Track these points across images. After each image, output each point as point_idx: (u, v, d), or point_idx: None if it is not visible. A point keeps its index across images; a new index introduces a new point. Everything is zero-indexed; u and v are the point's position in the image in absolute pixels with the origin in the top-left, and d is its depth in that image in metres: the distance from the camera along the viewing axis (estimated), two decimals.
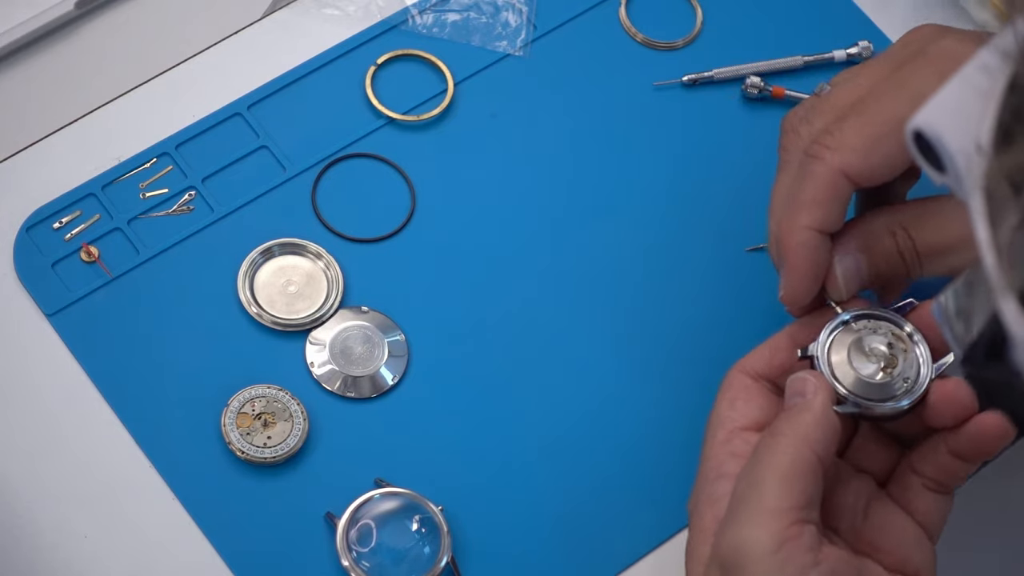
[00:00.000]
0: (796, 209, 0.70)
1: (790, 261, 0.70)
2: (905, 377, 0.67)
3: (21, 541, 0.73)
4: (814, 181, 0.69)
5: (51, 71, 0.82)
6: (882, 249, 0.71)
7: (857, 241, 0.71)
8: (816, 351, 0.68)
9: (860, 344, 0.68)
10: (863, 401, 0.67)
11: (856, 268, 0.71)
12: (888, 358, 0.68)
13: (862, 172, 0.69)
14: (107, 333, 0.76)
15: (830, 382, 0.67)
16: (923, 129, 0.50)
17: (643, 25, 0.86)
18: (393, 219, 0.81)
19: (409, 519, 0.73)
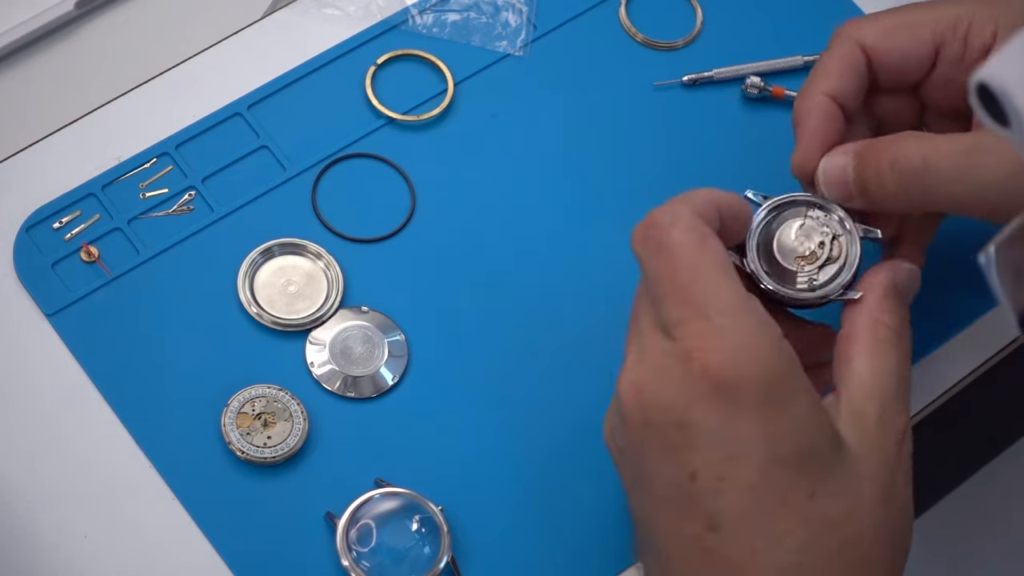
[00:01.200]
0: (813, 77, 0.72)
1: (801, 123, 0.71)
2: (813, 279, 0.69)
3: (21, 541, 0.73)
4: (832, 51, 0.72)
5: (51, 71, 0.82)
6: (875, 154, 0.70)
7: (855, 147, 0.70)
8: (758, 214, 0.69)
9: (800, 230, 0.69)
10: (764, 278, 0.69)
11: (842, 170, 0.70)
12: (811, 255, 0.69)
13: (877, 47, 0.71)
14: (107, 333, 0.76)
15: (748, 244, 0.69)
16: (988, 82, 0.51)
17: (643, 25, 0.86)
18: (393, 219, 0.81)
19: (409, 519, 0.73)
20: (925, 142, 0.69)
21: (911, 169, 0.69)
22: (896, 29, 0.72)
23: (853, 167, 0.70)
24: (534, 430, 0.77)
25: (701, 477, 0.63)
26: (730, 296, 0.63)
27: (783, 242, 0.70)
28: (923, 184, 0.69)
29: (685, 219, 0.65)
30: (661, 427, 0.63)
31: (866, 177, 0.70)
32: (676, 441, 0.63)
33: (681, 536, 0.64)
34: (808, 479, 0.63)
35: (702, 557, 0.63)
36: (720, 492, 0.62)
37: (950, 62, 0.72)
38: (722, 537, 0.63)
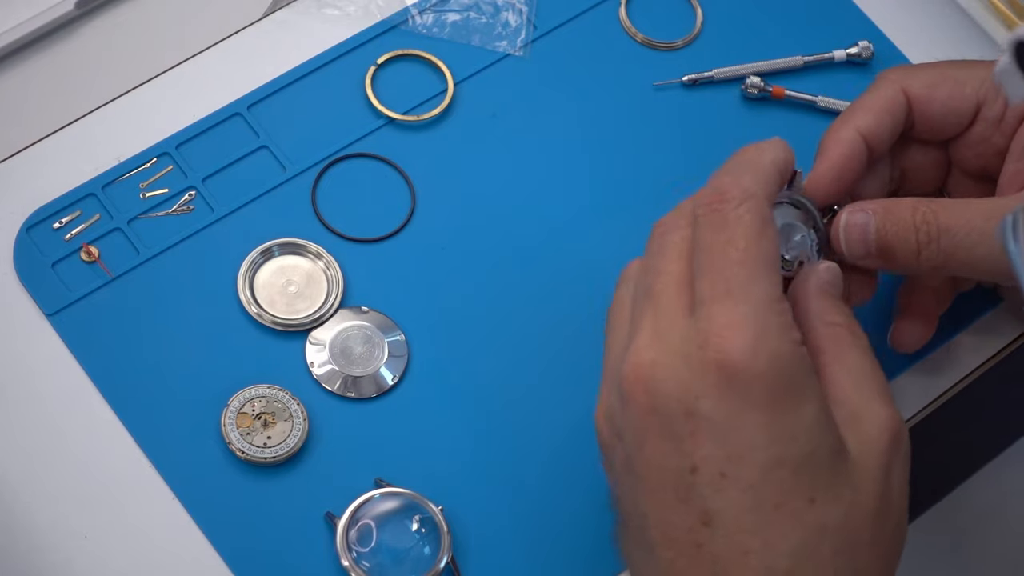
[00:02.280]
0: (850, 112, 0.72)
1: (825, 152, 0.71)
2: None
3: (21, 541, 0.73)
4: (874, 92, 0.72)
5: (51, 71, 0.82)
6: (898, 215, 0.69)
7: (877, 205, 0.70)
8: None
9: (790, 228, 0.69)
10: None
11: (864, 227, 0.70)
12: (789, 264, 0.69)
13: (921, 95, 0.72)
14: (107, 333, 0.76)
15: None
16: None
17: (643, 25, 0.86)
18: (393, 219, 0.81)
19: (409, 519, 0.73)
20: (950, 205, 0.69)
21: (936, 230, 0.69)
22: (942, 82, 0.72)
23: (875, 225, 0.70)
24: (534, 430, 0.77)
25: (702, 471, 0.62)
26: (766, 291, 0.63)
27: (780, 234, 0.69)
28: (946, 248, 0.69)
29: (756, 198, 0.64)
30: (667, 414, 0.63)
31: (888, 236, 0.70)
32: (681, 430, 0.62)
33: (672, 527, 0.63)
34: (809, 484, 0.62)
35: (691, 551, 0.63)
36: (720, 489, 0.62)
37: (989, 122, 0.73)
38: (715, 534, 0.62)
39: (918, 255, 0.70)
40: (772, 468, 0.62)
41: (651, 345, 0.64)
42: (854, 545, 0.63)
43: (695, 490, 0.62)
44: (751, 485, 0.62)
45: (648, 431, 0.63)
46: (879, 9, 0.88)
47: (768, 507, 0.62)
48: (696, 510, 0.62)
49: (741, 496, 0.62)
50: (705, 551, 0.62)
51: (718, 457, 0.62)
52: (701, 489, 0.62)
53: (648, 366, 0.63)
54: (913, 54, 0.87)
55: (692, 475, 0.62)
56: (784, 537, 0.62)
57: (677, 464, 0.63)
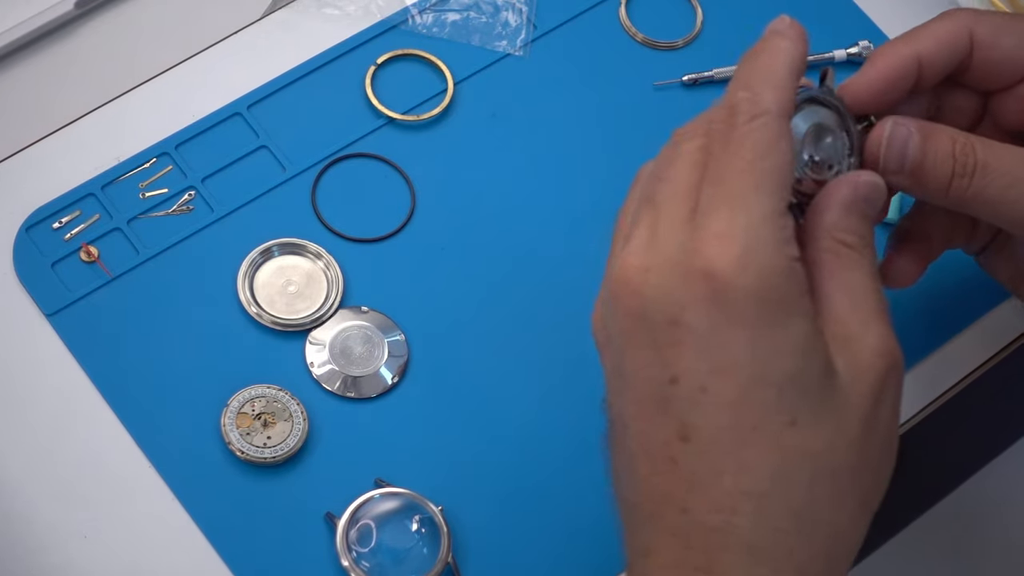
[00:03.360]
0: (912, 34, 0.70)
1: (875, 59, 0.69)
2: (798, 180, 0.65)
3: (21, 541, 0.73)
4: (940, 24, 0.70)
5: (51, 71, 0.82)
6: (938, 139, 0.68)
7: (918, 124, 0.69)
8: None
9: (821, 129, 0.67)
10: None
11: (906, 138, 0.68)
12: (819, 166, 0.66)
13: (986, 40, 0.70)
14: (107, 333, 0.76)
15: None
16: None
17: (643, 25, 0.86)
18: (393, 219, 0.81)
19: (409, 519, 0.73)
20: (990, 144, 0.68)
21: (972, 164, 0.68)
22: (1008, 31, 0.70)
23: (919, 141, 0.68)
24: (534, 430, 0.77)
25: (683, 383, 0.60)
26: (769, 205, 0.61)
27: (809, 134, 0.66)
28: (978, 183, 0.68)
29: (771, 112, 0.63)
30: (652, 321, 0.61)
31: (927, 156, 0.68)
32: (664, 339, 0.61)
33: (650, 439, 0.61)
34: (791, 406, 0.60)
35: (667, 466, 0.61)
36: (698, 404, 0.60)
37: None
38: (691, 450, 0.60)
39: (949, 184, 0.68)
40: (754, 386, 0.60)
41: (645, 249, 0.62)
42: (834, 472, 0.61)
43: (673, 403, 0.61)
44: (731, 402, 0.60)
45: (633, 336, 0.62)
46: (879, 9, 0.88)
47: (747, 426, 0.60)
48: (674, 423, 0.61)
49: (719, 413, 0.60)
50: (680, 467, 0.61)
51: (699, 370, 0.60)
52: (680, 402, 0.60)
53: (638, 270, 0.62)
54: None
55: (672, 386, 0.61)
56: (761, 459, 0.60)
57: (658, 374, 0.61)
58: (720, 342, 0.60)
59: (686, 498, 0.60)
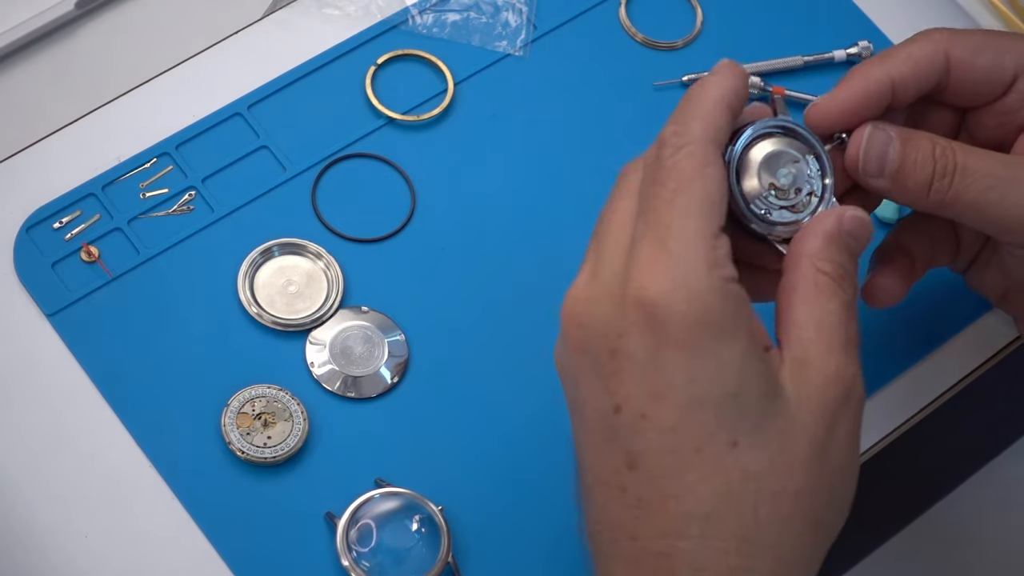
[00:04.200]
0: (886, 56, 0.70)
1: (848, 80, 0.70)
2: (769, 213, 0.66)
3: (21, 541, 0.73)
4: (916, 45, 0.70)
5: (51, 71, 0.82)
6: (918, 143, 0.69)
7: (897, 130, 0.69)
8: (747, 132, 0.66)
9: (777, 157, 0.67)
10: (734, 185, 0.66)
11: (886, 145, 0.69)
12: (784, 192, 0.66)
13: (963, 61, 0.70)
14: (107, 333, 0.77)
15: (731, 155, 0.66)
16: None
17: (643, 25, 0.86)
18: (393, 219, 0.81)
19: (409, 519, 0.74)
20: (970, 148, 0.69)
21: (952, 166, 0.68)
22: (985, 48, 0.70)
23: (899, 145, 0.69)
24: (534, 430, 0.77)
25: (624, 411, 0.61)
26: (695, 228, 0.62)
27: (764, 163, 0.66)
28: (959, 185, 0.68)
29: (695, 142, 0.64)
30: (595, 353, 0.62)
31: (907, 159, 0.69)
32: (606, 369, 0.62)
33: (602, 468, 0.62)
34: (731, 427, 0.61)
35: (617, 494, 0.62)
36: (640, 431, 0.61)
37: (1019, 95, 0.71)
38: (638, 477, 0.61)
39: (929, 186, 0.68)
40: (692, 409, 0.61)
41: (587, 283, 0.63)
42: (777, 493, 0.61)
43: (619, 431, 0.61)
44: (671, 426, 0.61)
45: (580, 369, 0.63)
46: (879, 9, 0.88)
47: (688, 450, 0.61)
48: (621, 452, 0.61)
49: (661, 438, 0.61)
50: (629, 495, 0.61)
51: (639, 396, 0.61)
52: (624, 430, 0.61)
53: (580, 302, 0.63)
54: None
55: (616, 415, 0.62)
56: (704, 481, 0.61)
57: (604, 404, 0.62)
58: (656, 367, 0.61)
59: (634, 525, 0.61)
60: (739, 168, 0.66)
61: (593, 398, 0.62)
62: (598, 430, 0.62)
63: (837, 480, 0.63)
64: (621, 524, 0.62)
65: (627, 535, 0.61)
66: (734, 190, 0.65)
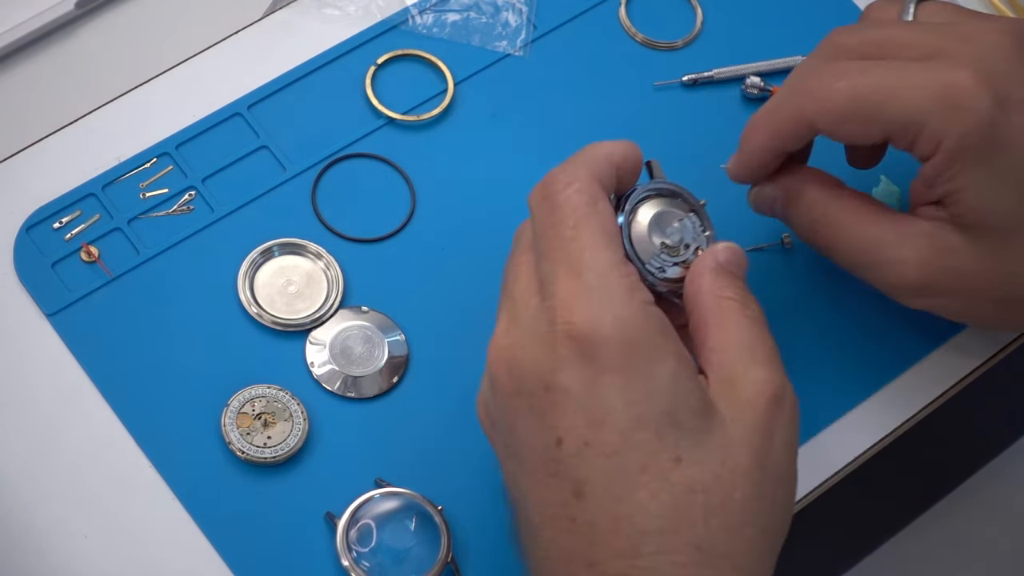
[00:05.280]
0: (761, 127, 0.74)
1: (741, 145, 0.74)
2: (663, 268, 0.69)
3: (21, 541, 0.73)
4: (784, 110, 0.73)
5: (51, 71, 0.82)
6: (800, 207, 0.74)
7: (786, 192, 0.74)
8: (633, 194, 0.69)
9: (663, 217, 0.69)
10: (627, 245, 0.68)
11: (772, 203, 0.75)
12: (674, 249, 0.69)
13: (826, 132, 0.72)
14: (107, 333, 0.77)
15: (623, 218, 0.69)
16: None
17: (643, 25, 0.86)
18: (393, 219, 0.81)
19: (409, 519, 0.74)
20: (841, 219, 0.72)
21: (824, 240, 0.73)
22: (847, 120, 0.71)
23: (781, 203, 0.74)
24: None
25: (566, 443, 0.63)
26: (605, 259, 0.64)
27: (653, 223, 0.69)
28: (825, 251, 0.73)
29: (581, 180, 0.66)
30: (529, 393, 0.64)
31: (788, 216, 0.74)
32: (543, 405, 0.63)
33: (547, 505, 0.64)
34: (673, 444, 0.63)
35: (567, 526, 0.63)
36: (584, 458, 0.63)
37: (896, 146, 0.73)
38: (586, 505, 0.63)
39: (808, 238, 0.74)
40: (633, 430, 0.62)
41: (508, 331, 0.65)
42: (725, 504, 0.63)
43: (563, 463, 0.63)
44: (615, 450, 0.62)
45: (516, 412, 0.64)
46: None
47: (634, 470, 0.62)
48: (567, 484, 0.63)
49: (606, 462, 0.62)
50: (579, 523, 0.63)
51: (580, 426, 0.63)
52: (568, 462, 0.63)
53: (507, 349, 0.65)
54: None
55: (558, 448, 0.63)
56: (653, 498, 0.62)
57: (544, 439, 0.63)
58: (593, 395, 0.63)
59: (589, 552, 0.63)
60: (630, 231, 0.68)
61: (531, 436, 0.64)
62: (539, 467, 0.64)
63: (779, 487, 0.65)
64: (575, 554, 0.63)
65: (583, 563, 0.63)
66: (629, 252, 0.68)
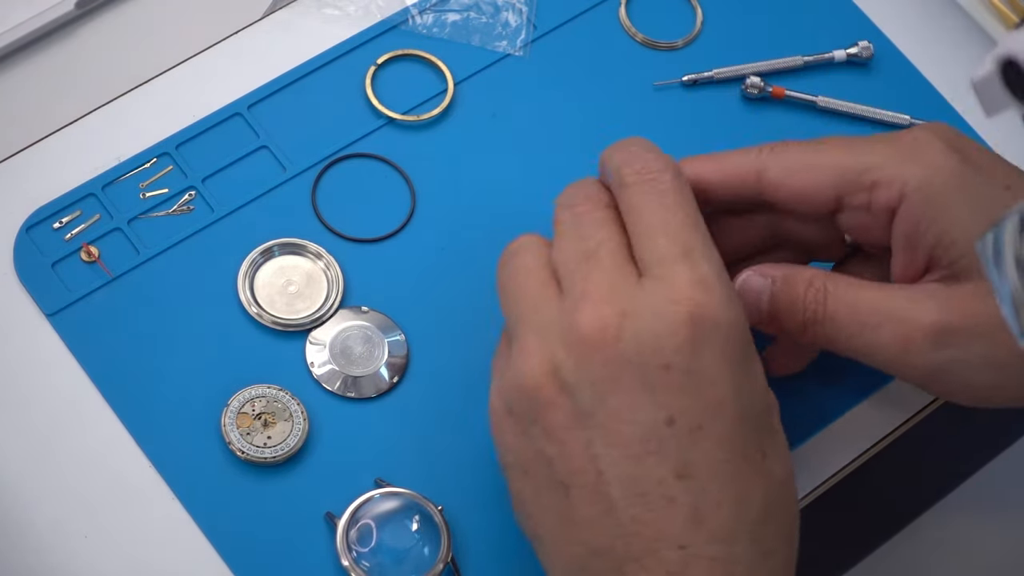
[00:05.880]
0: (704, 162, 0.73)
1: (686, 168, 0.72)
2: None
3: (21, 541, 0.73)
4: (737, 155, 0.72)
5: (51, 71, 0.82)
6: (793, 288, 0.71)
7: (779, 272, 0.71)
8: None
9: None
10: None
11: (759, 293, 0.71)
12: None
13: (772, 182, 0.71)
14: (107, 333, 0.76)
15: None
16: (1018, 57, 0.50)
17: (643, 25, 0.86)
18: (393, 219, 0.81)
19: (409, 519, 0.74)
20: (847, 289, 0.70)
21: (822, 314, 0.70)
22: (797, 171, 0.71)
23: (769, 297, 0.71)
24: None
25: (679, 423, 0.63)
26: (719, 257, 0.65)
27: None
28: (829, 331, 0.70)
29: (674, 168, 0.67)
30: (642, 366, 0.63)
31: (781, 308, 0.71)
32: (657, 382, 0.63)
33: (640, 482, 0.63)
34: (762, 439, 0.64)
35: (662, 504, 0.63)
36: (696, 441, 0.63)
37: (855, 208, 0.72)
38: (689, 487, 0.63)
39: (803, 332, 0.71)
40: (740, 421, 0.63)
41: (610, 299, 0.64)
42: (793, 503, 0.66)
43: (669, 442, 0.63)
44: (725, 437, 0.63)
45: (619, 383, 0.63)
46: (879, 9, 0.88)
47: (739, 458, 0.63)
48: (670, 463, 0.63)
49: (715, 448, 0.63)
50: (679, 504, 0.63)
51: (695, 409, 0.63)
52: (677, 441, 0.63)
53: (614, 315, 0.64)
54: (913, 54, 0.87)
55: (668, 427, 0.63)
56: (754, 487, 0.64)
57: (651, 416, 0.63)
58: (713, 381, 0.63)
59: (684, 534, 0.63)
60: None
61: (634, 411, 0.63)
62: (638, 443, 0.63)
63: None
64: (666, 534, 0.63)
65: (674, 544, 0.63)
66: None
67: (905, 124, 0.84)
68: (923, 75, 0.86)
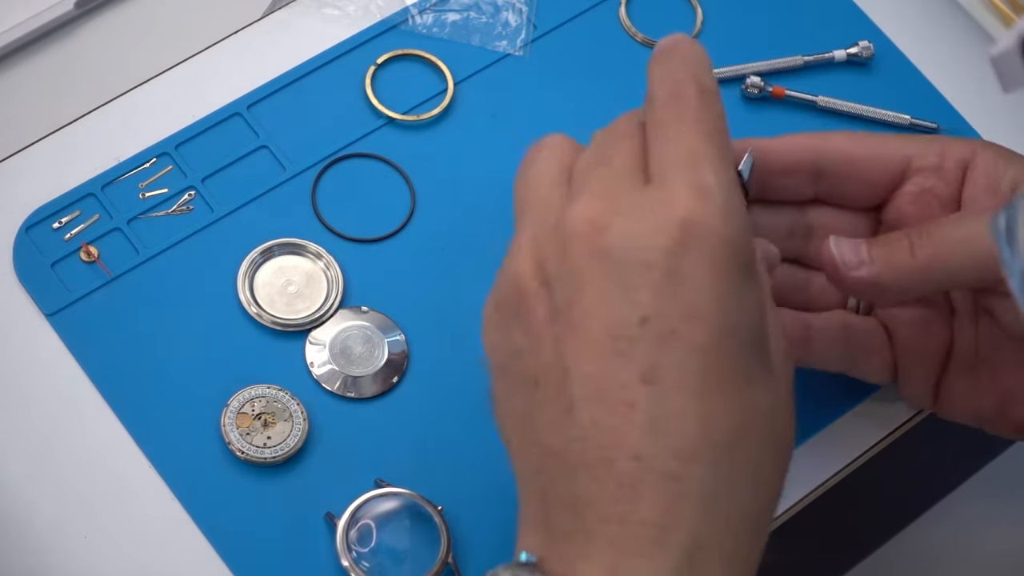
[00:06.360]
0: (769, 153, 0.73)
1: None
2: None
3: (21, 541, 0.73)
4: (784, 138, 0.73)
5: (50, 71, 0.82)
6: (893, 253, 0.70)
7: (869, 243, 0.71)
8: None
9: None
10: None
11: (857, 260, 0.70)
12: None
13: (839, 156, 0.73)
14: (107, 333, 0.76)
15: None
16: None
17: (643, 25, 0.86)
18: (393, 219, 0.81)
19: (409, 519, 0.73)
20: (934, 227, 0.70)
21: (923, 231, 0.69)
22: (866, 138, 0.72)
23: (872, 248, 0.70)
24: None
25: (652, 324, 0.59)
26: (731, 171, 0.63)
27: None
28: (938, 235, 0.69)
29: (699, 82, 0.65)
30: (623, 262, 0.60)
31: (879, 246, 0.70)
32: (636, 280, 0.60)
33: (602, 381, 0.59)
34: (747, 362, 0.60)
35: (622, 410, 0.59)
36: (668, 345, 0.59)
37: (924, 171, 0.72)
38: (653, 393, 0.59)
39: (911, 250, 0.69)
40: (724, 336, 0.60)
41: (607, 195, 0.62)
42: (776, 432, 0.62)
43: (639, 344, 0.59)
44: (701, 348, 0.59)
45: (594, 275, 0.60)
46: (879, 9, 0.88)
47: (713, 374, 0.59)
48: (637, 365, 0.59)
49: (688, 357, 0.59)
50: (639, 411, 0.59)
51: (672, 313, 0.59)
52: (647, 343, 0.59)
53: (605, 212, 0.61)
54: (913, 54, 0.87)
55: (640, 327, 0.59)
56: (725, 409, 0.60)
57: (623, 313, 0.60)
58: (698, 288, 0.60)
59: (641, 444, 0.59)
60: None
61: (607, 307, 0.60)
62: (606, 341, 0.60)
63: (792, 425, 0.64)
64: (621, 441, 0.59)
65: (629, 453, 0.59)
66: None
67: (905, 124, 0.84)
68: (923, 75, 0.86)
